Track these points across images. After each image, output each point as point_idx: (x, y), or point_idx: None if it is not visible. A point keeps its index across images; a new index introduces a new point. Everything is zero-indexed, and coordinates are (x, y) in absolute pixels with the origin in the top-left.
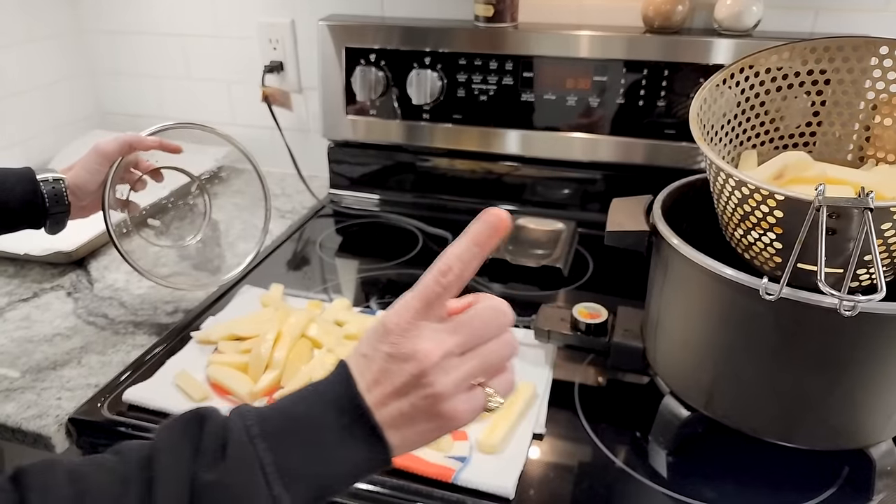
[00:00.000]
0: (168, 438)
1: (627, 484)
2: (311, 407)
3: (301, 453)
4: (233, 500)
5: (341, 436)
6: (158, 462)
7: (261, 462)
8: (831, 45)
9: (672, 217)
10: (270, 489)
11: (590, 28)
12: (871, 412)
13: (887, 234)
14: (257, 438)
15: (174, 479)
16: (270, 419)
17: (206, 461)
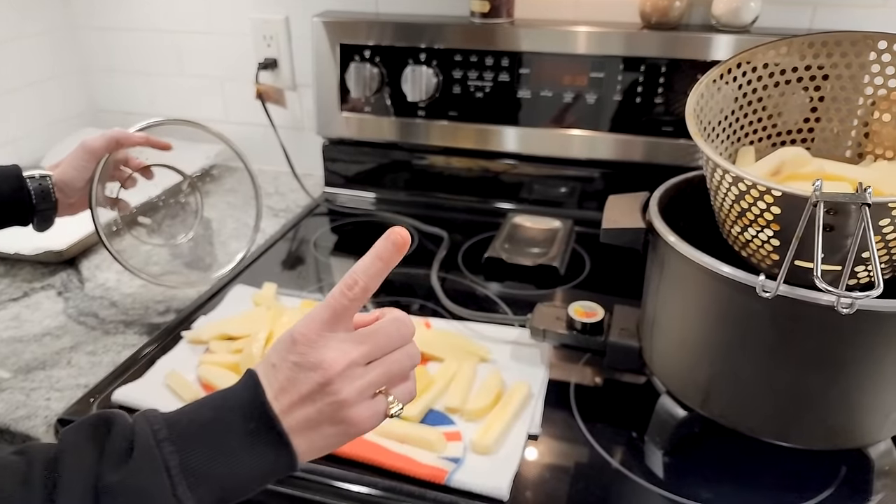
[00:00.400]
0: (74, 440)
1: (623, 485)
2: (218, 412)
3: (207, 456)
4: (136, 501)
5: (248, 440)
6: (63, 463)
7: (166, 464)
8: (829, 41)
9: (669, 214)
10: (174, 490)
11: (586, 24)
12: (868, 412)
13: (886, 231)
14: (164, 442)
15: (79, 480)
16: (177, 423)
17: (111, 463)
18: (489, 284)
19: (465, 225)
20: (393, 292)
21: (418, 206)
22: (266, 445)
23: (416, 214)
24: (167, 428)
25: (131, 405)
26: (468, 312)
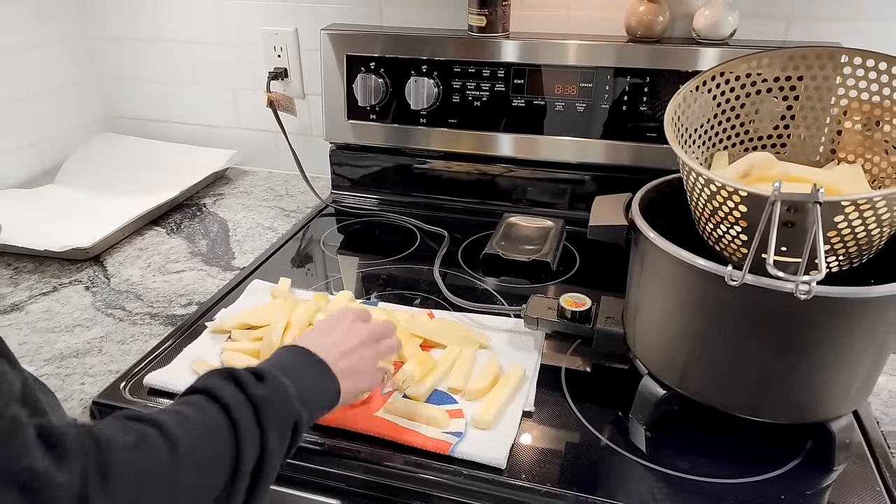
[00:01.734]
0: (211, 384)
1: (610, 457)
2: (295, 361)
3: (307, 383)
4: (280, 407)
5: (319, 373)
6: (218, 394)
7: (286, 387)
8: (796, 55)
9: (650, 213)
10: (297, 407)
11: (577, 38)
12: (829, 388)
13: (840, 227)
14: (279, 372)
15: (238, 399)
16: (276, 365)
17: (251, 387)
18: (487, 279)
19: (464, 224)
20: (398, 286)
21: (420, 206)
22: (330, 379)
23: (418, 215)
24: (274, 367)
25: (161, 388)
26: (468, 304)
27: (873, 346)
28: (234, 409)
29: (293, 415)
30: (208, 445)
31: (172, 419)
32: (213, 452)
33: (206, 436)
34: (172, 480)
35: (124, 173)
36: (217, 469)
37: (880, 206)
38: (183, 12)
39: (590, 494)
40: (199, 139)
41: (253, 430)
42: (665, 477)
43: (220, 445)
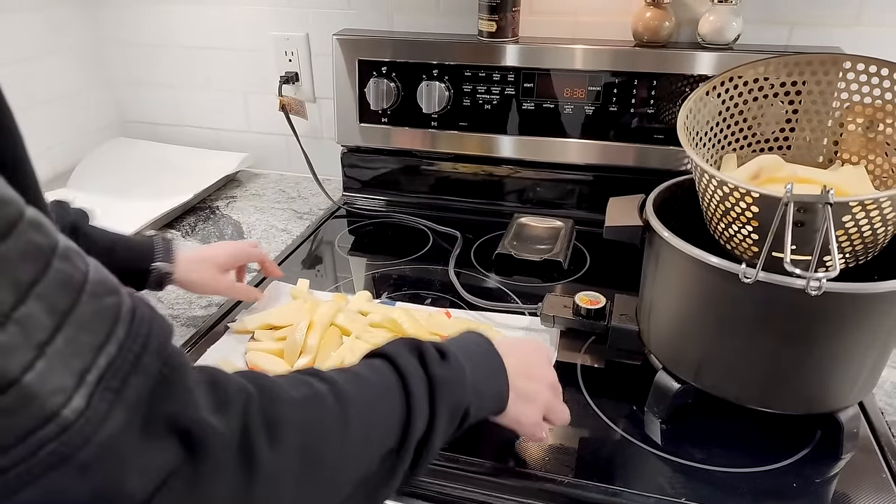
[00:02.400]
0: (397, 350)
1: (627, 448)
2: (477, 346)
3: (482, 373)
4: (455, 395)
5: (496, 371)
6: (400, 362)
7: (463, 370)
8: (801, 61)
9: (663, 213)
10: (469, 395)
11: (584, 42)
12: (837, 380)
13: (848, 226)
14: (460, 354)
15: (417, 373)
16: (459, 346)
17: (433, 364)
18: (500, 278)
19: (475, 225)
20: (414, 286)
21: (430, 208)
22: (503, 379)
23: (429, 216)
24: (457, 348)
25: None
26: (484, 303)
27: (879, 339)
28: (411, 382)
29: (465, 402)
30: (380, 410)
31: (347, 378)
32: (383, 418)
33: (378, 400)
34: (341, 438)
35: (137, 177)
36: (386, 435)
37: (886, 206)
38: (194, 18)
39: (609, 485)
40: (210, 143)
41: (424, 407)
42: (680, 467)
43: (392, 413)
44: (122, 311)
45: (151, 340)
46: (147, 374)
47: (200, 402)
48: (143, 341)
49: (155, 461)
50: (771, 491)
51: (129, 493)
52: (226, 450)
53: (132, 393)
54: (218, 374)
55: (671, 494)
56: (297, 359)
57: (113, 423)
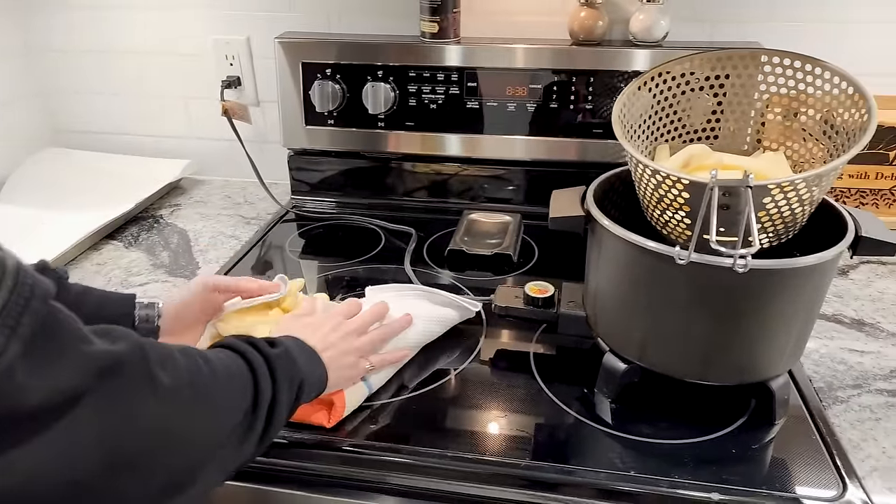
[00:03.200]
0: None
1: (580, 429)
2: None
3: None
4: (289, 369)
5: (313, 358)
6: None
7: (292, 353)
8: (723, 56)
9: (604, 204)
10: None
11: (524, 42)
12: (766, 351)
13: (768, 207)
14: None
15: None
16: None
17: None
18: (453, 274)
19: (426, 223)
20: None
21: (380, 208)
22: (320, 364)
23: (379, 216)
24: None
25: None
26: None
27: (801, 310)
28: (251, 359)
29: (299, 375)
30: (234, 375)
31: (200, 353)
32: (238, 382)
33: (230, 368)
34: (211, 385)
35: (74, 188)
36: (242, 394)
37: (801, 187)
38: (130, 23)
39: (564, 464)
40: (151, 151)
41: (266, 378)
42: (630, 443)
43: (243, 380)
44: (7, 266)
45: (37, 290)
46: (37, 313)
47: (94, 339)
48: (29, 290)
49: (59, 384)
50: (711, 459)
51: (28, 411)
52: (133, 368)
53: (26, 329)
54: (104, 325)
55: (621, 469)
56: None
57: (11, 353)
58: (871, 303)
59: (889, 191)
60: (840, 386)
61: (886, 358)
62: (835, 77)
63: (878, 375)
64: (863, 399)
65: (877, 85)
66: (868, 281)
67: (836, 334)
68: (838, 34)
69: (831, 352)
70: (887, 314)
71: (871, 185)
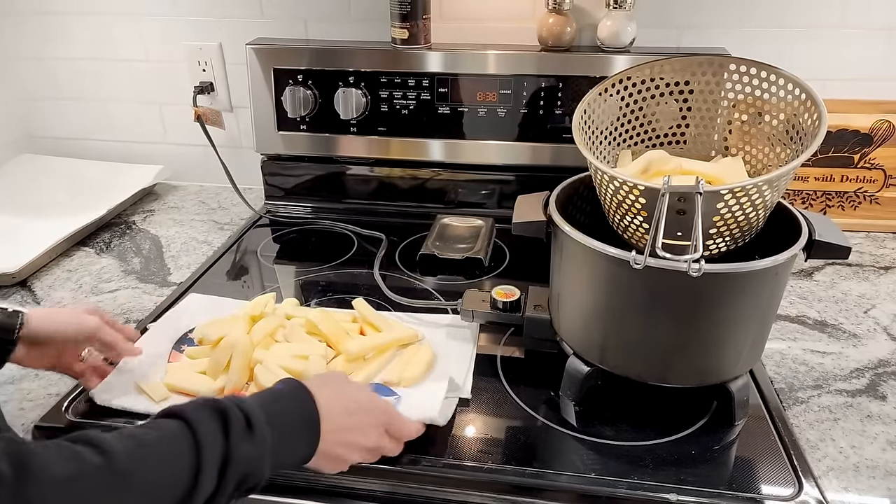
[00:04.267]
0: (201, 416)
1: (545, 432)
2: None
3: (288, 442)
4: (248, 474)
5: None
6: (198, 428)
7: (266, 447)
8: (687, 63)
9: (569, 209)
10: (264, 473)
11: (494, 48)
12: (724, 353)
13: (723, 212)
14: (266, 425)
15: (215, 446)
16: (269, 408)
17: (236, 435)
18: (425, 278)
19: (399, 227)
20: (338, 291)
21: (354, 212)
22: (310, 443)
23: (353, 221)
24: (267, 412)
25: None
26: (409, 302)
27: (757, 312)
28: (204, 454)
29: (256, 478)
30: (161, 484)
31: (128, 449)
32: (165, 490)
33: (161, 472)
34: (120, 483)
35: (46, 194)
36: (171, 488)
37: (753, 192)
38: (102, 30)
39: (527, 467)
40: (123, 156)
41: (211, 481)
42: (593, 445)
43: (176, 485)
44: None
45: None
46: None
47: None
48: None
49: None
50: (671, 460)
51: None
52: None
53: None
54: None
55: (583, 471)
56: (218, 377)
57: None
58: (835, 304)
59: (854, 193)
60: (801, 387)
61: (847, 359)
62: (789, 84)
63: (839, 376)
64: (822, 400)
65: (841, 90)
66: (832, 282)
67: (799, 335)
68: (804, 40)
69: (794, 353)
70: (850, 315)
71: (836, 188)
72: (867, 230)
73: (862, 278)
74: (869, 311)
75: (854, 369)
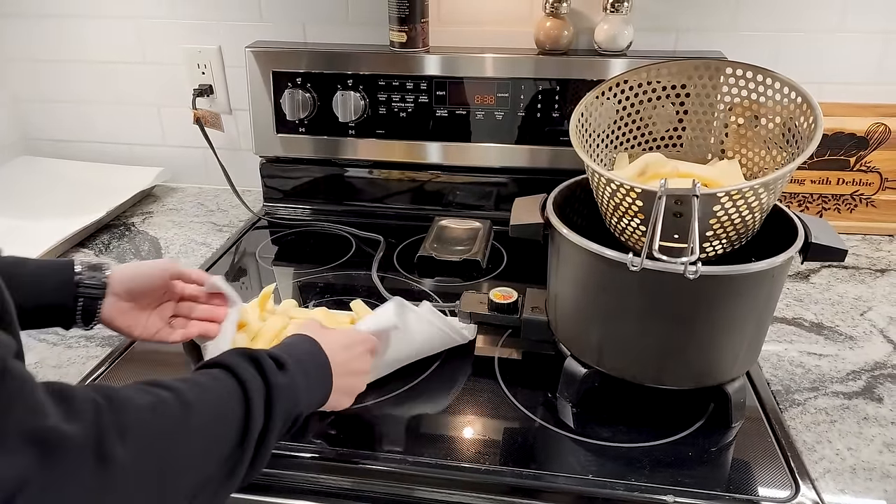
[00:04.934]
0: (237, 361)
1: (543, 434)
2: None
3: (312, 381)
4: (289, 402)
5: (324, 376)
6: (237, 370)
7: (298, 381)
8: (683, 66)
9: (566, 211)
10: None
11: (492, 51)
12: (720, 355)
13: (719, 214)
14: (295, 364)
15: (256, 382)
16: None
17: (272, 372)
18: (423, 280)
19: (397, 229)
20: (337, 293)
21: (352, 214)
22: (326, 381)
23: (351, 223)
24: (291, 357)
25: None
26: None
27: (754, 314)
28: (250, 389)
29: (296, 410)
30: (220, 414)
31: (189, 387)
32: (224, 422)
33: (219, 405)
34: (187, 440)
35: (45, 196)
36: (226, 437)
37: (749, 195)
38: (102, 32)
39: (525, 468)
40: (123, 159)
41: (261, 412)
42: (590, 446)
43: (231, 417)
44: None
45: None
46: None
47: (50, 413)
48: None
49: (8, 471)
50: (668, 462)
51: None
52: (81, 454)
53: None
54: (65, 387)
55: (580, 472)
56: None
57: None
58: (831, 306)
59: (850, 196)
60: (797, 389)
61: (843, 361)
62: (785, 87)
63: (835, 378)
64: (819, 402)
65: (837, 93)
66: (828, 285)
67: (796, 338)
68: (801, 44)
69: (790, 355)
70: (846, 318)
71: (832, 191)
72: (863, 233)
73: (858, 281)
74: (865, 313)
75: (850, 371)
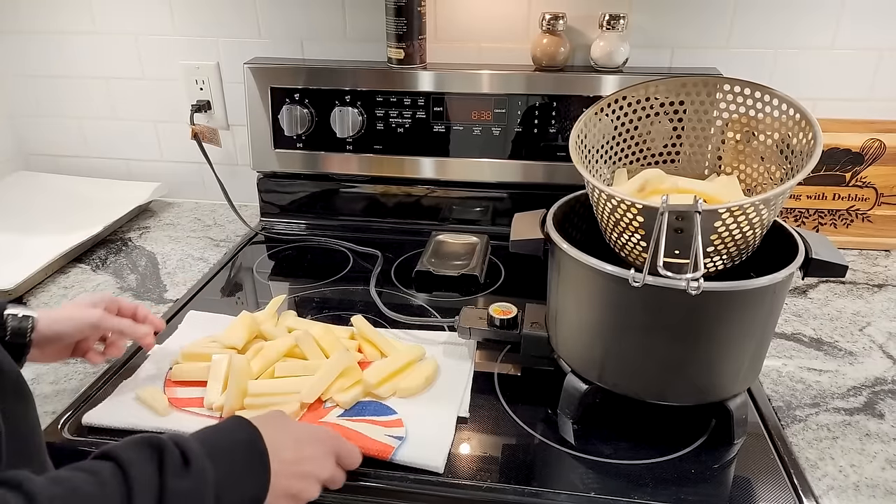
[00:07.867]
0: (135, 456)
1: (543, 451)
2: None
3: (235, 475)
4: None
5: (253, 468)
6: (131, 473)
7: (206, 484)
8: (679, 83)
9: (566, 226)
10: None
11: (488, 67)
12: (723, 371)
13: (720, 230)
14: (207, 459)
15: (147, 485)
16: (212, 442)
17: (172, 473)
18: (420, 295)
19: (394, 244)
20: (334, 308)
21: (350, 230)
22: (260, 477)
23: (348, 238)
24: (208, 446)
25: (101, 426)
26: (405, 319)
27: (755, 329)
28: (136, 495)
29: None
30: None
31: (52, 491)
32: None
33: None
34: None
35: (42, 211)
36: None
37: (750, 211)
38: (99, 48)
39: (526, 486)
40: (120, 174)
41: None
42: (591, 464)
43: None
44: None
45: None
46: None
47: None
48: None
49: None
50: (671, 479)
51: None
52: None
53: None
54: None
55: (582, 490)
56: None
57: None
58: (830, 322)
59: (846, 211)
60: (798, 405)
61: (844, 377)
62: (783, 104)
63: (836, 394)
64: (820, 418)
65: (831, 109)
66: (826, 300)
67: (795, 353)
68: (795, 60)
69: (790, 371)
70: (845, 333)
71: (828, 206)
72: (860, 248)
73: (856, 296)
74: (864, 328)
75: (851, 387)
